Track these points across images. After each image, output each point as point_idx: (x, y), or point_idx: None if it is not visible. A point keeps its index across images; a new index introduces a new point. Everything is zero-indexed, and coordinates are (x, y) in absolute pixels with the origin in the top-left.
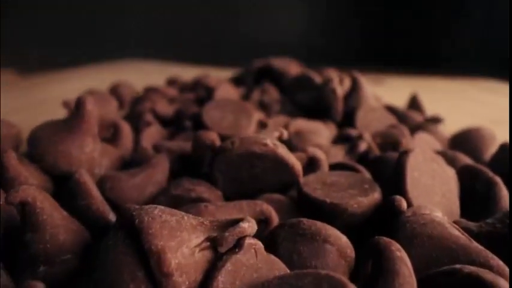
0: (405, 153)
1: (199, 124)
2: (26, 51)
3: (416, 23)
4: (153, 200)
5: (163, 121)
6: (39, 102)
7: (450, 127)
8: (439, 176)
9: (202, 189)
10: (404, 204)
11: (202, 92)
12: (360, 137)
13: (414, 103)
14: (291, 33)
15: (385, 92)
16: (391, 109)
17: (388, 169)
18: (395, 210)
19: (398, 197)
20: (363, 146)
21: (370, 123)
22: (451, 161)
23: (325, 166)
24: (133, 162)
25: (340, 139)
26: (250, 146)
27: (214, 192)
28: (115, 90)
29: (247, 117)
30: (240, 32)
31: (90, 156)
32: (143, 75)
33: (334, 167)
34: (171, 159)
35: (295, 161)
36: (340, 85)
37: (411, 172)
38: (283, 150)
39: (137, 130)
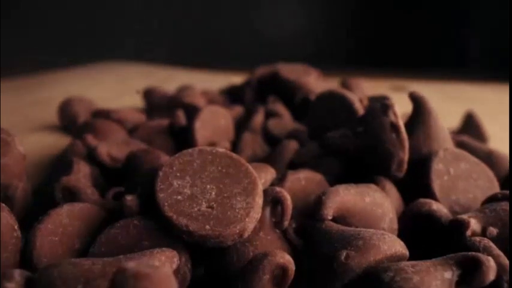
0: None
1: (153, 203)
2: (6, 53)
3: (423, 24)
4: None
5: (115, 170)
6: (15, 106)
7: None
8: None
9: None
10: None
11: (180, 117)
12: (466, 231)
13: (471, 125)
14: (292, 32)
15: (404, 100)
16: (460, 144)
17: None
18: None
19: None
20: (491, 273)
21: (454, 186)
22: None
23: None
24: None
25: (411, 221)
26: None
27: None
28: (65, 108)
29: (246, 190)
30: (239, 31)
31: None
32: (124, 80)
33: None
34: None
35: None
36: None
37: None
38: None
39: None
